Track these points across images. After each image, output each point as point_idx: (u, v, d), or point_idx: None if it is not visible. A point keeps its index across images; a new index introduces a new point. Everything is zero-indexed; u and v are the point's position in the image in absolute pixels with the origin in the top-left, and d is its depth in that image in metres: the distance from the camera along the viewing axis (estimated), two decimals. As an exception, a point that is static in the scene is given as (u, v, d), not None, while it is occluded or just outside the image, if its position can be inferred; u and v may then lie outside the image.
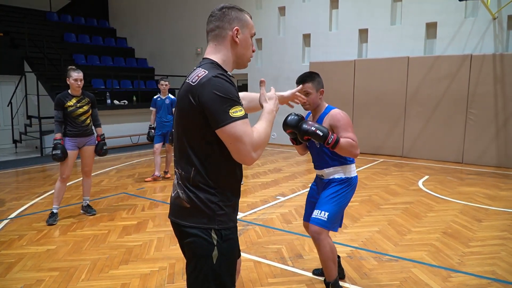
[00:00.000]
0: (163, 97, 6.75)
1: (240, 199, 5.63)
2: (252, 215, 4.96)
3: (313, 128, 2.57)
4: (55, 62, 11.00)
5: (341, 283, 3.05)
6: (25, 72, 10.65)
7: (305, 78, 2.82)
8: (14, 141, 10.63)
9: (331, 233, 2.96)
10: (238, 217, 4.94)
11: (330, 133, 2.58)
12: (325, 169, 2.90)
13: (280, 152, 10.20)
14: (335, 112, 2.81)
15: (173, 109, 6.45)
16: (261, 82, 1.79)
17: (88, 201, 5.02)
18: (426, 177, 7.17)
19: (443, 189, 6.25)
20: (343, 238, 4.12)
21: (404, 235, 4.25)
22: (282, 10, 11.36)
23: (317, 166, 2.98)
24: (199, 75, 1.52)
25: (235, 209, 1.68)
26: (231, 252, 1.62)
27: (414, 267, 3.48)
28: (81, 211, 5.02)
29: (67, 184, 6.03)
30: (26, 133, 10.43)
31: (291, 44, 11.13)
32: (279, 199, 5.71)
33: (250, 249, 3.87)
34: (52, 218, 4.61)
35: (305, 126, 2.61)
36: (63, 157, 4.47)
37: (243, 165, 1.69)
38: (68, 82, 4.58)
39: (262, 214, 4.99)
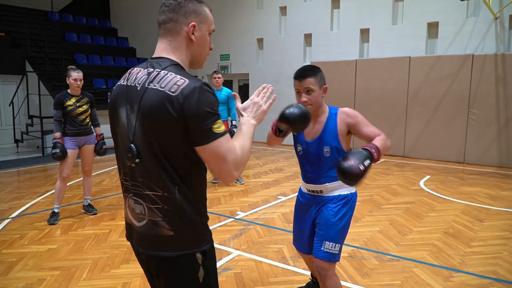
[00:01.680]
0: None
1: (242, 199, 5.70)
2: (253, 215, 4.95)
3: (361, 167, 1.91)
4: (56, 62, 11.00)
5: (342, 282, 3.04)
6: (26, 71, 10.66)
7: (307, 72, 2.30)
8: (16, 141, 10.64)
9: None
10: (239, 216, 4.92)
11: (368, 150, 2.00)
12: (327, 184, 2.37)
13: (281, 152, 10.19)
14: (348, 109, 2.35)
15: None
16: (234, 96, 1.62)
17: (89, 201, 5.02)
18: (428, 177, 7.15)
19: (445, 189, 6.24)
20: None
21: (406, 235, 4.25)
22: (283, 9, 11.35)
23: (314, 180, 2.40)
24: (178, 83, 1.31)
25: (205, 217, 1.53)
26: (215, 267, 1.50)
27: (415, 267, 3.47)
28: (82, 211, 5.03)
29: (68, 184, 6.04)
30: (27, 132, 10.44)
31: (292, 43, 11.12)
32: (280, 198, 5.71)
33: (251, 249, 3.87)
34: (53, 218, 4.61)
35: (350, 166, 1.91)
36: (62, 156, 4.48)
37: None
38: (68, 82, 4.59)
39: (263, 214, 4.99)
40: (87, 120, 4.77)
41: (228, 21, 12.24)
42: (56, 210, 4.68)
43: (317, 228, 2.39)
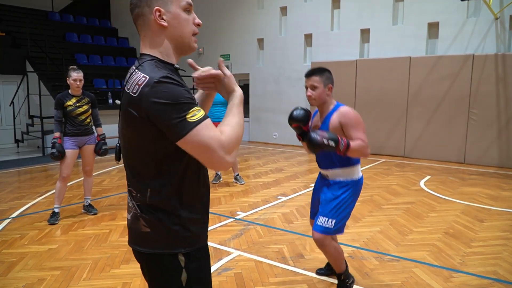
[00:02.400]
0: None
1: (242, 199, 5.70)
2: (254, 215, 4.95)
3: (324, 140, 2.42)
4: (56, 62, 11.01)
5: (342, 283, 3.05)
6: (27, 72, 10.67)
7: (313, 71, 2.72)
8: (16, 141, 10.65)
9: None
10: (239, 217, 4.93)
11: (340, 139, 2.45)
12: (330, 170, 2.81)
13: (281, 152, 10.19)
14: (346, 109, 2.68)
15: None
16: (220, 63, 1.46)
17: (89, 201, 5.02)
18: (428, 177, 7.15)
19: (445, 189, 6.24)
20: (345, 238, 4.11)
21: (406, 235, 4.24)
22: (283, 10, 11.35)
23: (322, 166, 2.88)
24: (139, 82, 1.24)
25: (204, 227, 1.45)
26: (203, 272, 1.42)
27: (415, 267, 3.47)
28: (83, 211, 5.03)
29: (68, 184, 6.04)
30: (28, 132, 10.45)
31: (292, 44, 11.12)
32: (280, 199, 5.71)
33: (251, 249, 3.87)
34: (54, 218, 4.62)
35: (314, 136, 2.44)
36: (59, 156, 4.48)
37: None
38: (68, 82, 4.59)
39: (263, 214, 4.99)
40: (88, 120, 4.77)
41: (228, 21, 12.25)
42: (56, 210, 4.68)
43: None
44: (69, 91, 4.67)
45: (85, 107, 4.71)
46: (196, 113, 1.22)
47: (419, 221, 4.72)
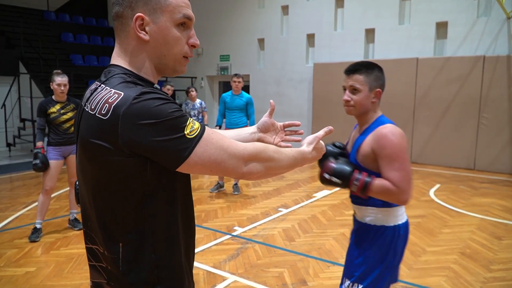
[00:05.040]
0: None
1: (240, 211, 5.32)
2: (252, 231, 4.59)
3: (325, 175, 1.84)
4: (50, 63, 10.66)
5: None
6: (19, 73, 10.33)
7: (357, 67, 1.95)
8: (8, 145, 10.30)
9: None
10: (236, 233, 4.53)
11: (354, 176, 1.79)
12: (359, 206, 1.98)
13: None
14: (385, 131, 1.84)
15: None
16: (271, 106, 1.45)
17: (75, 215, 4.66)
18: (438, 185, 6.77)
19: (457, 200, 5.86)
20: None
21: (419, 256, 3.87)
22: (285, 9, 10.96)
23: (352, 197, 2.03)
24: (110, 100, 0.93)
25: (189, 274, 1.15)
26: None
27: (432, 297, 3.10)
28: (68, 225, 4.67)
29: (56, 193, 5.69)
30: (19, 136, 10.12)
31: (294, 44, 10.74)
32: (281, 211, 5.33)
33: (249, 273, 3.50)
34: (35, 235, 4.26)
35: (325, 163, 1.86)
36: (43, 167, 4.13)
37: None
38: (51, 87, 4.24)
39: (263, 230, 4.62)
40: (73, 128, 4.42)
41: (228, 20, 11.87)
42: (38, 226, 4.33)
43: None
44: (53, 97, 4.32)
45: (70, 114, 4.35)
46: (194, 126, 0.97)
47: (432, 238, 4.35)
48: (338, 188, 2.24)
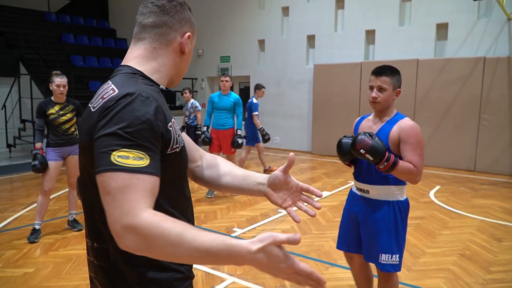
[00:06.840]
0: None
1: (240, 212, 5.32)
2: (251, 232, 4.58)
3: (361, 151, 2.17)
4: (50, 64, 10.67)
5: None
6: (20, 74, 10.34)
7: (385, 70, 2.34)
8: (8, 145, 10.30)
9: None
10: (235, 234, 4.52)
11: (386, 153, 2.16)
12: (374, 186, 2.38)
13: (282, 157, 9.80)
14: (410, 124, 2.30)
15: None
16: (289, 161, 1.26)
17: (74, 215, 4.66)
18: (438, 187, 6.75)
19: (457, 202, 5.84)
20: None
21: (418, 258, 3.86)
22: (285, 10, 10.97)
23: (362, 179, 2.44)
24: (105, 96, 0.98)
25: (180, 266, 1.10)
26: None
27: (431, 299, 3.09)
28: (67, 226, 4.67)
29: (56, 194, 5.69)
30: (20, 137, 10.12)
31: (294, 45, 10.74)
32: (280, 212, 5.32)
33: (247, 275, 3.49)
34: (34, 235, 4.25)
35: (362, 139, 2.18)
36: (42, 168, 4.14)
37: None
38: (50, 88, 4.24)
39: (262, 231, 4.61)
40: (72, 129, 4.42)
41: (228, 21, 11.87)
42: (37, 227, 4.32)
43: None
44: (52, 98, 4.32)
45: (69, 115, 4.35)
46: (141, 159, 0.90)
47: (432, 240, 4.33)
48: (337, 189, 2.43)
